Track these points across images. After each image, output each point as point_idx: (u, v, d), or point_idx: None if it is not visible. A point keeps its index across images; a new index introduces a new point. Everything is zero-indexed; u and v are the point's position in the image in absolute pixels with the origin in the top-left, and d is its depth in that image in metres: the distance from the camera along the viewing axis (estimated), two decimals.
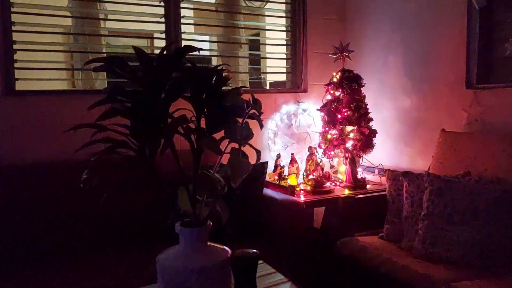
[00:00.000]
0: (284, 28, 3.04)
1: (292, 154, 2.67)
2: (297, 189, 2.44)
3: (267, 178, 2.48)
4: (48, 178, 2.03)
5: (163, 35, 2.59)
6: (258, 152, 0.98)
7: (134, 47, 0.93)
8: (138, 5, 2.53)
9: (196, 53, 1.01)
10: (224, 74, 1.08)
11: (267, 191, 2.31)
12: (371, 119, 2.65)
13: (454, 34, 2.37)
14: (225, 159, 1.00)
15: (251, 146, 1.00)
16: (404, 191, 2.05)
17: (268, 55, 3.26)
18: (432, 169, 2.25)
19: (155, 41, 4.37)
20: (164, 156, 0.97)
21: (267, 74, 3.24)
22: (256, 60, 3.25)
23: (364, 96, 2.66)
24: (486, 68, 2.30)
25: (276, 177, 2.57)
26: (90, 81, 2.60)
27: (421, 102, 2.61)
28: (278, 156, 2.67)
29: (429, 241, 1.79)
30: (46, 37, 2.36)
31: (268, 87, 3.15)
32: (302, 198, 2.33)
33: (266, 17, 3.06)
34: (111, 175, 0.91)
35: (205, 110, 1.06)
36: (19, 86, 2.24)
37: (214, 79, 1.06)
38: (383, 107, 2.85)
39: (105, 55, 2.65)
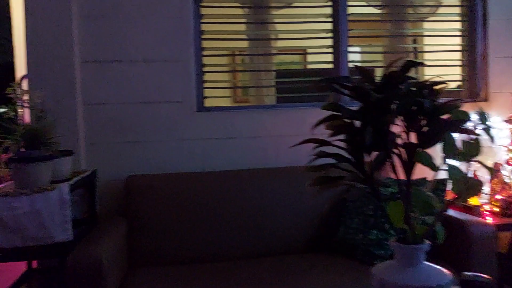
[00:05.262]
0: (457, 33, 2.80)
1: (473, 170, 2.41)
2: (481, 209, 2.20)
3: None
4: (233, 184, 2.24)
5: (330, 50, 2.64)
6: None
7: (357, 66, 0.96)
8: (307, 23, 2.65)
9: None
10: (438, 87, 1.04)
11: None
12: None
13: None
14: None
15: (481, 163, 0.93)
16: None
17: (430, 63, 3.02)
18: None
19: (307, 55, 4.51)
20: None
21: None
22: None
23: None
24: None
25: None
26: (261, 98, 2.81)
27: None
28: None
29: None
30: (225, 59, 2.64)
31: None
32: (489, 220, 2.08)
33: (426, 23, 2.86)
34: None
35: (418, 125, 1.03)
36: (207, 103, 2.54)
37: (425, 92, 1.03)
38: None
39: (274, 72, 2.83)
